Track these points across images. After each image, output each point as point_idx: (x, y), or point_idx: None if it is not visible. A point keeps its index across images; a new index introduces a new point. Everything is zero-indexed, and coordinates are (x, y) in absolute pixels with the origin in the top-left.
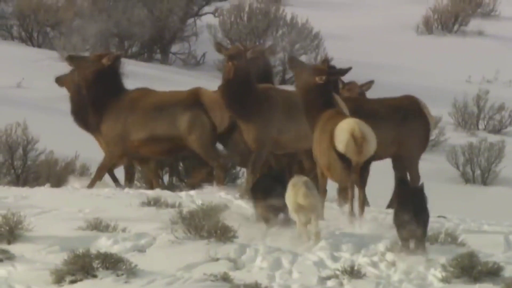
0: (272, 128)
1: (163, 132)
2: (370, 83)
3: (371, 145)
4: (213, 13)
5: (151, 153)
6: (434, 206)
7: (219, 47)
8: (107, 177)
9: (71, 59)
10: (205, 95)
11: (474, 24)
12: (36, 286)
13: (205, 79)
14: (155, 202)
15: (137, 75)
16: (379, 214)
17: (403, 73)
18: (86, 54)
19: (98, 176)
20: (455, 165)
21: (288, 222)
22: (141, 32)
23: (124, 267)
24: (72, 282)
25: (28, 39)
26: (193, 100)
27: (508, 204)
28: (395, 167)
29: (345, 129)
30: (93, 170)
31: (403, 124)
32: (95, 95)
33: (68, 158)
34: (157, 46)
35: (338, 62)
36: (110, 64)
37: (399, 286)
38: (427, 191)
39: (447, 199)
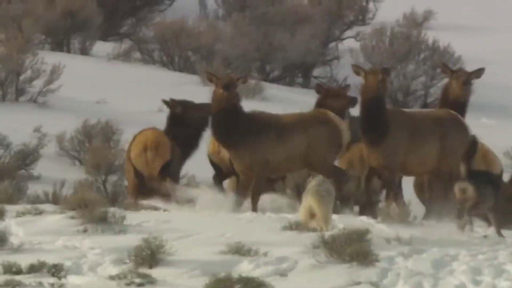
0: None
1: None
2: (480, 71)
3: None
4: (355, 37)
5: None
6: None
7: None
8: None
9: None
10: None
11: None
12: None
13: None
14: (297, 226)
15: (279, 99)
16: None
17: None
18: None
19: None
20: None
21: None
22: (283, 56)
23: None
24: None
25: (170, 63)
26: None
27: None
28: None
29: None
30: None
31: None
32: None
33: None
34: (299, 70)
35: (479, 85)
36: None
37: None
38: None
39: None
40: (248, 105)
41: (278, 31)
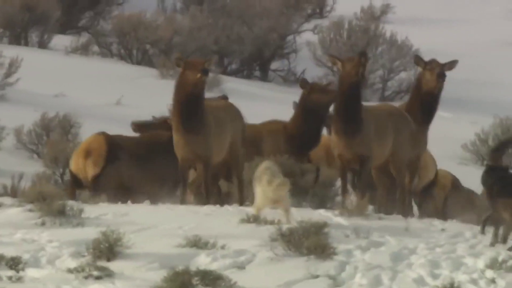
0: None
1: None
2: (453, 63)
3: None
4: (313, 30)
5: None
6: None
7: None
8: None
9: None
10: None
11: None
12: None
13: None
14: (255, 219)
15: (237, 92)
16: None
17: (503, 89)
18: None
19: None
20: None
21: None
22: (241, 49)
23: (223, 284)
24: None
25: (128, 57)
26: None
27: None
28: None
29: None
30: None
31: None
32: None
33: None
34: (257, 63)
35: None
36: None
37: None
38: None
39: None
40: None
41: (236, 24)
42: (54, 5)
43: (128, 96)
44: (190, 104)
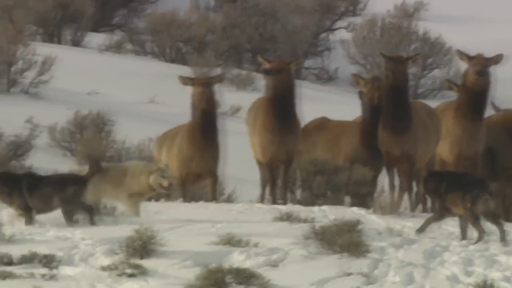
0: None
1: None
2: (499, 57)
3: None
4: (346, 28)
5: None
6: None
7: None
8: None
9: None
10: None
11: None
12: None
13: (338, 94)
14: (288, 217)
15: None
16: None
17: None
18: (219, 70)
19: None
20: None
21: None
22: (274, 47)
23: (256, 282)
24: None
25: (161, 54)
26: None
27: None
28: None
29: None
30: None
31: None
32: None
33: None
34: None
35: None
36: None
37: None
38: None
39: None
40: (239, 96)
41: (269, 22)
42: (88, 3)
43: (161, 94)
44: (282, 104)
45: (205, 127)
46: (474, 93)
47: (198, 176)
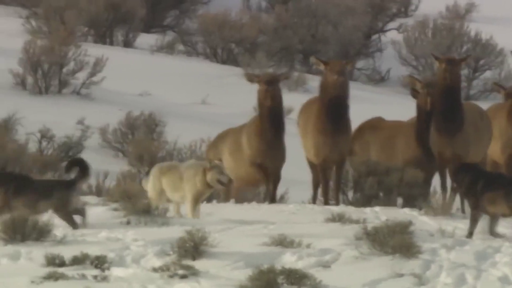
0: None
1: None
2: None
3: None
4: (398, 29)
5: None
6: None
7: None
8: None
9: None
10: None
11: None
12: None
13: (389, 95)
14: (340, 218)
15: None
16: None
17: None
18: (270, 70)
19: None
20: None
21: None
22: (326, 48)
23: (309, 282)
24: None
25: (213, 55)
26: None
27: None
28: None
29: None
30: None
31: None
32: None
33: None
34: None
35: None
36: None
37: None
38: None
39: None
40: (291, 97)
41: (321, 23)
42: (139, 4)
43: (213, 95)
44: (335, 106)
45: (271, 125)
46: None
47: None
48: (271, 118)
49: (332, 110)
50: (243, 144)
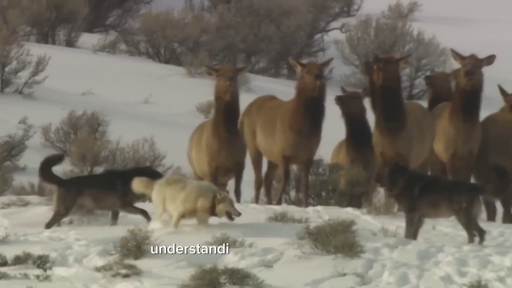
0: None
1: None
2: (491, 58)
3: None
4: (340, 28)
5: None
6: None
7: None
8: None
9: None
10: None
11: None
12: None
13: (333, 95)
14: (282, 218)
15: (264, 90)
16: (505, 229)
17: None
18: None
19: None
20: None
21: None
22: (268, 47)
23: (251, 282)
24: None
25: (155, 55)
26: None
27: None
28: None
29: None
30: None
31: None
32: None
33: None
34: (284, 62)
35: None
36: None
37: None
38: None
39: None
40: None
41: (263, 23)
42: (82, 3)
43: (156, 94)
44: (311, 106)
45: (230, 120)
46: (465, 93)
47: (227, 170)
48: (230, 113)
49: (308, 111)
50: (202, 144)
